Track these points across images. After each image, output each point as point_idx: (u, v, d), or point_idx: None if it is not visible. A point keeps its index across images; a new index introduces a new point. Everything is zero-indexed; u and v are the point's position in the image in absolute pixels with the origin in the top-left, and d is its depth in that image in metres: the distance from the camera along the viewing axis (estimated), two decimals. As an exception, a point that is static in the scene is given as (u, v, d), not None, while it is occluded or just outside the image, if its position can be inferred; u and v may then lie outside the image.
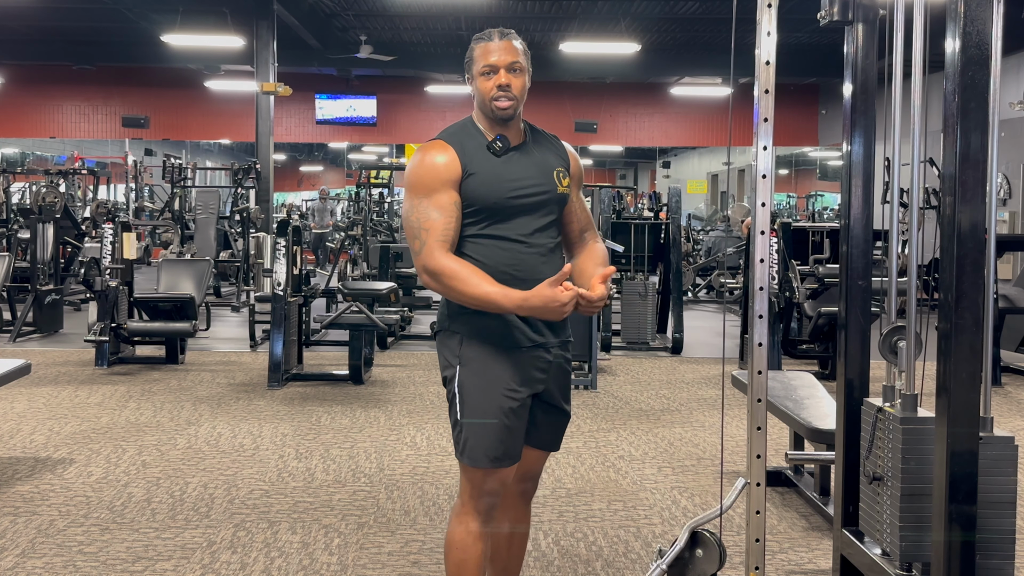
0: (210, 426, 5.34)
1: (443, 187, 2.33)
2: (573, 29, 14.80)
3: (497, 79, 2.37)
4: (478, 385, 2.37)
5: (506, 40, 2.39)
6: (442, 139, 2.40)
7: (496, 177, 2.37)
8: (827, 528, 3.73)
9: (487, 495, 2.42)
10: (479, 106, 2.43)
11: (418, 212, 2.33)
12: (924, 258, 6.73)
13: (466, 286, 2.27)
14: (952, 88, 2.30)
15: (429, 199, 2.33)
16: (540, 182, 2.42)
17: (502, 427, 2.37)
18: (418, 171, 2.36)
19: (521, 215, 2.39)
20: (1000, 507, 2.54)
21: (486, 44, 2.39)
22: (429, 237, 2.31)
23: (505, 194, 2.37)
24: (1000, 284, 7.26)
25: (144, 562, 3.33)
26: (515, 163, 2.41)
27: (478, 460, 2.38)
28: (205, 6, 13.33)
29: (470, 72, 2.43)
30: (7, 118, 19.16)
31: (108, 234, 7.27)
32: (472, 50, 2.43)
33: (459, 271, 2.28)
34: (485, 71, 2.38)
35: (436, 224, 2.31)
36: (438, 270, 2.29)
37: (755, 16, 2.54)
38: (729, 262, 12.18)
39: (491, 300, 2.26)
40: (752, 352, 2.59)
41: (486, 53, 2.39)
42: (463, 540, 2.42)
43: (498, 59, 2.37)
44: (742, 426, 4.96)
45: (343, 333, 7.18)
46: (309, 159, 29.68)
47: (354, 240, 11.96)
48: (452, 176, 2.34)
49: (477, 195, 2.35)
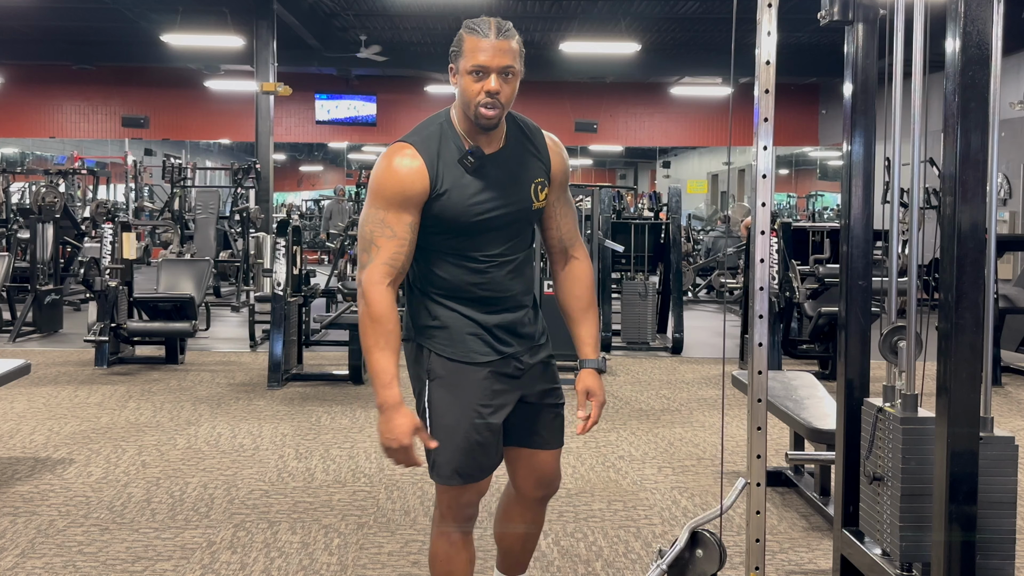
0: (210, 426, 5.34)
1: (404, 206, 2.14)
2: (573, 29, 14.80)
3: (486, 84, 2.12)
4: (448, 401, 2.25)
5: (503, 39, 2.12)
6: (414, 145, 2.18)
7: (465, 197, 2.17)
8: (827, 528, 3.73)
9: (463, 507, 2.33)
10: (461, 106, 2.19)
11: (373, 224, 2.16)
12: (924, 258, 6.74)
13: (371, 338, 2.14)
14: (952, 88, 2.30)
15: (387, 213, 2.14)
16: (513, 200, 2.23)
17: (473, 444, 2.25)
18: (383, 179, 2.16)
19: (490, 232, 2.22)
20: (1000, 507, 2.54)
21: (479, 40, 2.12)
22: (377, 257, 2.14)
23: (473, 216, 2.18)
24: (1000, 284, 7.26)
25: (144, 562, 3.33)
26: (488, 178, 2.20)
27: (449, 478, 2.26)
28: (205, 6, 13.33)
29: (455, 64, 2.18)
30: (7, 118, 19.16)
31: (108, 234, 7.27)
32: (462, 40, 2.16)
33: (380, 320, 2.13)
34: (474, 71, 2.13)
35: (388, 244, 2.14)
36: (368, 301, 2.14)
37: (755, 16, 2.54)
38: (729, 262, 12.18)
39: (374, 374, 2.15)
40: (752, 352, 2.59)
41: (478, 50, 2.12)
42: (446, 552, 2.35)
43: (491, 60, 2.11)
44: (742, 426, 4.96)
45: (343, 333, 7.18)
46: (309, 159, 29.67)
47: (354, 240, 11.95)
48: (417, 193, 2.15)
49: (444, 215, 2.17)
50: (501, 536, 2.58)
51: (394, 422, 2.15)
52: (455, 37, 2.20)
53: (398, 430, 2.15)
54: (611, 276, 8.47)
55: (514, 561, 2.58)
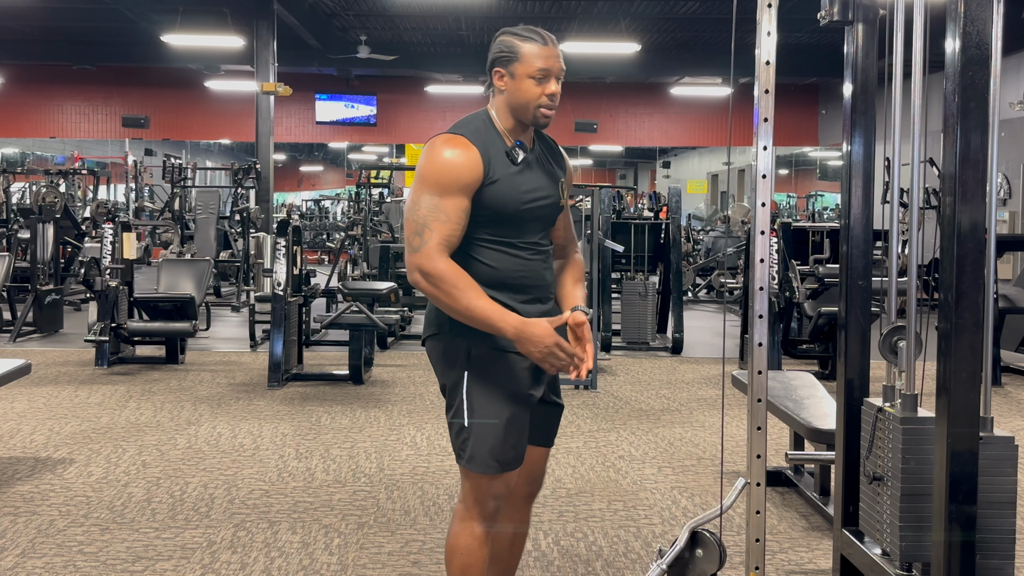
0: (210, 426, 5.34)
1: (459, 191, 2.25)
2: (573, 29, 14.80)
3: (548, 87, 2.30)
4: (489, 388, 2.32)
5: (555, 46, 2.32)
6: (466, 137, 2.29)
7: (513, 187, 2.31)
8: (827, 528, 3.73)
9: (493, 499, 2.38)
10: (512, 108, 2.33)
11: (426, 208, 2.24)
12: (924, 258, 6.73)
13: (463, 296, 2.20)
14: (952, 88, 2.30)
15: (442, 199, 2.23)
16: (549, 192, 2.40)
17: (513, 430, 2.33)
18: (437, 165, 2.25)
19: (533, 221, 2.37)
20: (1000, 507, 2.54)
21: (539, 47, 2.29)
22: (432, 237, 2.22)
23: (521, 204, 2.32)
24: (1000, 284, 7.26)
25: (144, 562, 3.33)
26: (529, 172, 2.36)
27: (488, 466, 2.32)
28: (205, 6, 13.33)
29: (508, 69, 2.31)
30: (7, 118, 19.16)
31: (108, 234, 7.27)
32: (516, 47, 2.30)
33: (459, 280, 2.21)
34: (538, 76, 2.29)
35: (443, 227, 2.23)
36: (435, 273, 2.21)
37: (755, 16, 2.54)
38: (729, 262, 12.18)
39: (486, 316, 2.21)
40: (752, 352, 2.59)
41: (540, 56, 2.29)
42: (468, 545, 2.38)
43: (552, 65, 2.30)
44: (742, 426, 4.96)
45: (343, 333, 7.18)
46: (309, 159, 29.69)
47: (354, 240, 11.95)
48: (471, 181, 2.25)
49: (494, 203, 2.29)
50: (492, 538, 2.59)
51: (535, 332, 2.23)
52: (498, 43, 2.35)
53: (543, 335, 2.23)
54: (611, 276, 8.47)
55: (503, 568, 2.60)
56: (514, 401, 2.33)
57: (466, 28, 15.11)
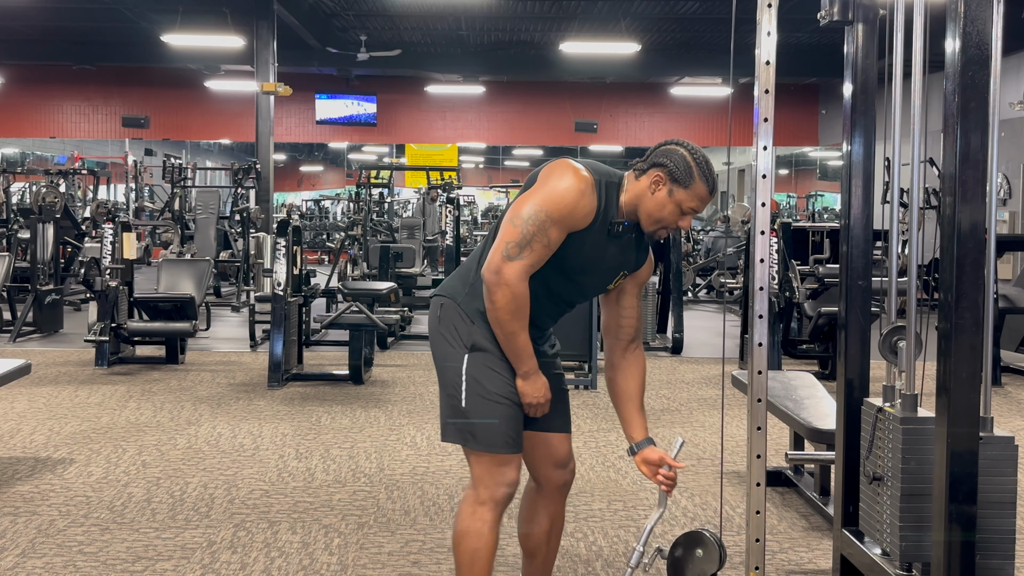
0: (210, 426, 5.34)
1: (564, 226, 2.36)
2: (573, 29, 14.80)
3: (684, 221, 2.41)
4: (492, 371, 2.42)
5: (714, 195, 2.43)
6: (596, 186, 2.38)
7: (593, 249, 2.42)
8: (827, 528, 3.73)
9: (505, 485, 2.43)
10: (644, 208, 2.40)
11: (538, 227, 2.33)
12: (924, 258, 6.73)
13: (517, 322, 2.35)
14: (952, 88, 2.30)
15: (553, 225, 2.34)
16: (609, 270, 2.49)
17: (515, 412, 2.43)
18: (564, 196, 2.34)
19: (578, 284, 2.49)
20: (1000, 507, 2.54)
21: (707, 193, 2.38)
22: (530, 257, 2.34)
23: (587, 268, 2.45)
24: (1000, 284, 7.26)
25: (144, 562, 3.33)
26: (612, 247, 2.45)
27: (496, 446, 2.41)
28: (205, 6, 13.33)
29: (671, 185, 2.37)
30: (7, 118, 19.15)
31: (108, 234, 7.27)
32: (693, 178, 2.36)
33: (524, 308, 2.35)
34: (686, 211, 2.38)
35: (540, 251, 2.34)
36: (515, 291, 2.33)
37: (755, 16, 2.54)
38: (729, 262, 12.18)
39: (520, 348, 2.38)
40: (752, 352, 2.59)
41: (701, 199, 2.38)
42: (479, 529, 2.41)
43: (701, 209, 2.43)
44: (742, 426, 4.96)
45: (343, 333, 7.18)
46: (309, 159, 29.66)
47: (354, 240, 11.95)
48: (577, 223, 2.36)
49: (568, 251, 2.39)
50: (526, 536, 2.67)
51: (539, 383, 2.46)
52: (679, 155, 2.38)
53: (543, 388, 2.46)
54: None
55: (539, 564, 2.67)
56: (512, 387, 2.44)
57: (466, 28, 15.10)
